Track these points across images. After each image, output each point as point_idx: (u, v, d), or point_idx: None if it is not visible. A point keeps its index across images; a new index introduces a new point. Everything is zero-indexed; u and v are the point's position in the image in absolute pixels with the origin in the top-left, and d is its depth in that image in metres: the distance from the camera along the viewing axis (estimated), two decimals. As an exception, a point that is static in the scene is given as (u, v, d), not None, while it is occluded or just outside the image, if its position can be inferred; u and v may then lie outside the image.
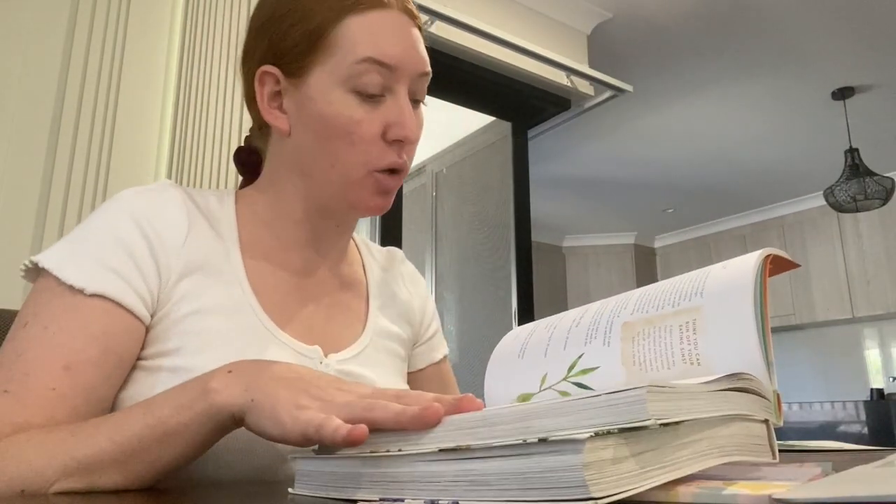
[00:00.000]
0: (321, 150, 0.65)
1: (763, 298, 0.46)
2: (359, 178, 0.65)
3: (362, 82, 0.63)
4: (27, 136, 1.54)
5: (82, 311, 0.57)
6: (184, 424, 0.48)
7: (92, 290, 0.57)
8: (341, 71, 0.63)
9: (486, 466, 0.32)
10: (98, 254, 0.59)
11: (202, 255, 0.64)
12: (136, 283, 0.59)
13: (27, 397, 0.53)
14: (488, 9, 2.71)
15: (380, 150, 0.64)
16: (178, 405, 0.49)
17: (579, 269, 6.29)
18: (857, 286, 5.11)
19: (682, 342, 0.48)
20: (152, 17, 1.77)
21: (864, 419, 4.66)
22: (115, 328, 0.58)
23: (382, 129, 0.64)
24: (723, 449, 0.37)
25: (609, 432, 0.30)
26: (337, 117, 0.63)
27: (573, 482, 0.29)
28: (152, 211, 0.63)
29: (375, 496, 0.36)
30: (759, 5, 2.96)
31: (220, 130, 1.76)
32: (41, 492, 0.48)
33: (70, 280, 0.57)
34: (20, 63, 1.56)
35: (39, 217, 1.51)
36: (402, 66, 0.64)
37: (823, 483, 0.33)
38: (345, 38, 0.63)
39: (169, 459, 0.49)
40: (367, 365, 0.71)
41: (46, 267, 0.58)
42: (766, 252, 0.49)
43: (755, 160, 4.73)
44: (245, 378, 0.48)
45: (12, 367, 0.54)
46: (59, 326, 0.56)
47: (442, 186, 3.39)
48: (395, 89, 0.64)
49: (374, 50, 0.63)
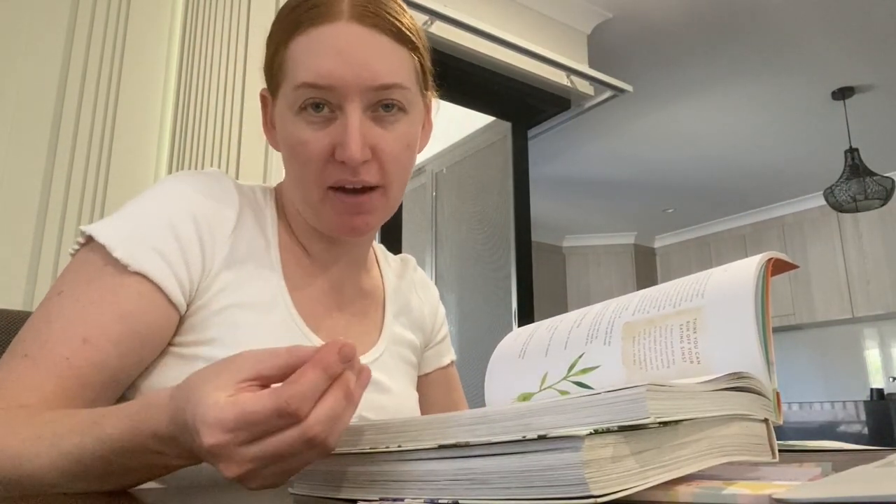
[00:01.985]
0: (290, 169, 0.67)
1: (765, 299, 0.46)
2: (318, 198, 0.65)
3: (304, 105, 0.62)
4: (27, 136, 1.54)
5: (118, 288, 0.58)
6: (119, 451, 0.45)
7: (135, 268, 0.58)
8: (288, 96, 0.63)
9: (485, 464, 0.32)
10: (148, 234, 0.60)
11: (246, 246, 0.66)
12: (179, 269, 0.60)
13: (43, 363, 0.54)
14: (488, 9, 2.71)
15: (332, 168, 0.63)
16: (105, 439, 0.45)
17: (579, 270, 6.29)
18: (857, 286, 5.11)
19: (683, 341, 0.48)
20: (152, 17, 1.77)
21: (864, 419, 4.66)
22: (146, 310, 0.58)
23: (330, 148, 0.63)
24: (723, 449, 0.37)
25: (608, 430, 0.30)
26: (290, 138, 0.64)
27: (573, 480, 0.29)
28: (206, 198, 0.64)
29: (375, 496, 0.36)
30: (759, 5, 2.96)
31: (220, 130, 1.76)
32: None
33: (116, 254, 0.58)
34: (20, 63, 1.56)
35: (39, 217, 1.51)
36: (342, 84, 0.61)
37: (823, 483, 0.33)
38: (291, 61, 0.63)
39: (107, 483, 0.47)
40: (383, 371, 0.73)
41: (97, 238, 0.59)
42: (768, 255, 0.49)
43: (755, 160, 4.73)
44: (172, 405, 0.42)
45: (38, 334, 0.56)
46: (90, 299, 0.57)
47: (442, 186, 3.39)
48: (343, 107, 0.62)
49: (307, 74, 0.61)
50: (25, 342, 0.56)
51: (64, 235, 1.52)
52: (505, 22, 2.74)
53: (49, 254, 1.48)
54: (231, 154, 1.77)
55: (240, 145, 1.78)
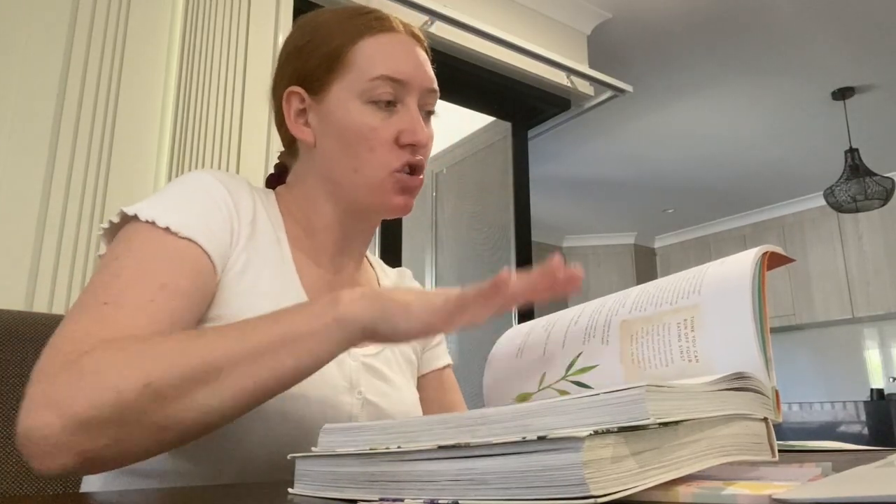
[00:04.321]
0: (344, 156, 0.72)
1: (762, 295, 0.46)
2: (380, 179, 0.71)
3: (377, 94, 0.71)
4: (27, 136, 1.54)
5: (175, 249, 0.61)
6: (313, 331, 0.52)
7: (185, 234, 0.61)
8: (358, 86, 0.71)
9: (485, 465, 0.32)
10: (189, 205, 0.64)
11: (262, 237, 0.70)
12: (220, 237, 0.64)
13: (127, 306, 0.55)
14: (488, 9, 2.71)
15: (396, 153, 0.71)
16: (308, 314, 0.53)
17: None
18: (857, 286, 5.11)
19: (681, 339, 0.48)
20: (152, 17, 1.77)
21: (864, 419, 4.66)
22: (202, 270, 0.62)
23: (396, 134, 0.71)
24: (723, 449, 0.37)
25: (608, 431, 0.30)
26: (356, 125, 0.71)
27: (573, 480, 0.29)
28: (231, 184, 0.70)
29: (375, 496, 0.36)
30: (759, 6, 2.96)
31: (220, 130, 1.76)
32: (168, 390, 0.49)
33: (164, 223, 0.61)
34: (20, 63, 1.56)
35: (40, 217, 1.51)
36: (411, 81, 0.72)
37: (823, 483, 0.33)
38: (361, 58, 0.72)
39: (292, 366, 0.52)
40: (386, 364, 0.76)
41: (138, 213, 0.62)
42: (764, 249, 0.49)
43: (755, 160, 4.73)
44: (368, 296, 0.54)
45: (110, 285, 0.57)
46: (154, 256, 0.59)
47: (442, 186, 3.39)
48: (406, 101, 0.72)
49: (387, 68, 0.71)
50: (98, 294, 0.56)
51: (64, 235, 1.52)
52: (505, 22, 2.74)
53: (49, 254, 1.48)
54: (231, 154, 1.77)
55: (240, 145, 1.78)
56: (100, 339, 0.52)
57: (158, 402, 0.49)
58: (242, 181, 0.73)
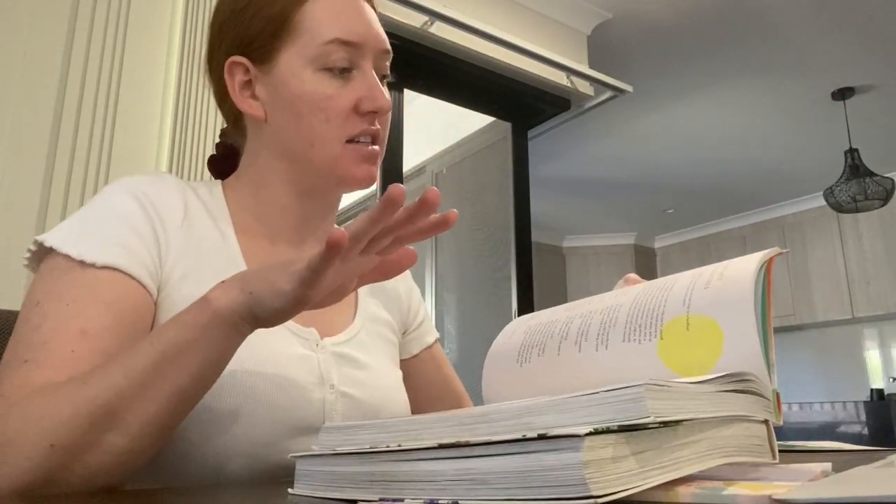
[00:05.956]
0: (298, 129, 0.67)
1: (766, 301, 0.46)
2: (338, 151, 0.67)
3: (331, 60, 0.66)
4: (27, 135, 1.54)
5: (94, 283, 0.58)
6: (193, 340, 0.50)
7: (102, 263, 0.58)
8: (310, 52, 0.66)
9: (485, 465, 0.32)
10: (103, 230, 0.61)
11: (200, 236, 0.66)
12: (142, 255, 0.61)
13: (47, 362, 0.53)
14: (488, 9, 2.71)
15: (353, 121, 0.67)
16: (181, 324, 0.51)
17: (579, 270, 6.29)
18: (857, 286, 5.11)
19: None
20: (152, 17, 1.77)
21: (864, 419, 4.66)
22: (126, 297, 0.59)
23: (354, 102, 0.67)
24: (722, 449, 0.37)
25: (608, 429, 0.30)
26: (311, 94, 0.66)
27: (573, 480, 0.29)
28: (151, 191, 0.65)
29: (375, 496, 0.36)
30: (759, 5, 2.96)
31: (219, 130, 1.76)
32: (73, 446, 0.48)
33: (80, 256, 0.58)
34: (20, 62, 1.56)
35: (40, 217, 1.51)
36: (365, 43, 0.68)
37: (823, 483, 0.33)
38: (310, 20, 0.67)
39: (188, 380, 0.50)
40: (360, 348, 0.73)
41: (54, 245, 0.59)
42: (771, 254, 0.49)
43: (755, 160, 4.73)
44: (237, 282, 0.51)
45: (31, 339, 0.55)
46: (72, 297, 0.56)
47: (442, 186, 3.39)
48: (361, 66, 0.68)
49: (339, 30, 0.66)
50: (19, 352, 0.54)
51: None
52: (505, 22, 2.74)
53: (49, 254, 1.48)
54: (231, 154, 1.76)
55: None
56: (11, 403, 0.51)
57: (70, 458, 0.48)
58: (168, 181, 0.68)
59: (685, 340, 0.47)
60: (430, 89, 2.83)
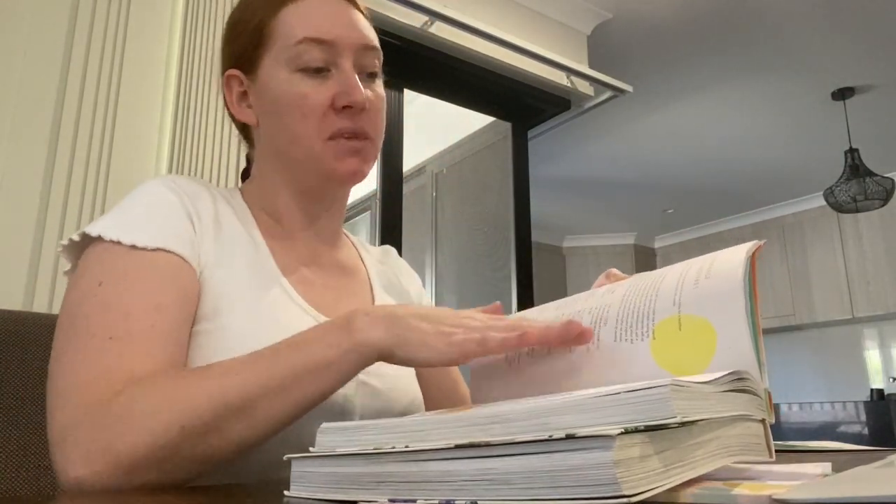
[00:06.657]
0: (280, 130, 0.70)
1: (753, 295, 0.46)
2: (318, 148, 0.68)
3: (304, 60, 0.68)
4: (27, 136, 1.54)
5: (152, 262, 0.60)
6: (332, 360, 0.53)
7: (154, 246, 0.60)
8: (285, 54, 0.69)
9: (506, 465, 0.31)
10: (147, 217, 0.63)
11: (229, 232, 0.69)
12: (185, 238, 0.63)
13: (136, 339, 0.56)
14: (488, 9, 2.71)
15: (331, 119, 0.68)
16: (326, 344, 0.53)
17: (579, 270, 6.29)
18: (857, 286, 5.11)
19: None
20: (152, 17, 1.77)
21: (864, 419, 4.65)
22: (182, 274, 0.61)
23: (331, 99, 0.68)
24: (729, 448, 0.37)
25: (637, 429, 0.29)
26: (287, 94, 0.68)
27: (604, 479, 0.28)
28: (185, 185, 0.68)
29: (381, 497, 0.36)
30: (759, 5, 2.96)
31: (220, 130, 1.76)
32: (205, 428, 0.51)
33: (131, 241, 0.60)
34: (20, 63, 1.56)
35: (40, 217, 1.51)
36: (339, 40, 0.69)
37: (823, 483, 0.33)
38: (284, 26, 0.69)
39: (315, 392, 0.53)
40: None
41: (101, 233, 0.60)
42: (754, 247, 0.48)
43: (755, 160, 4.73)
44: (383, 320, 0.54)
45: (106, 317, 0.56)
46: (136, 277, 0.59)
47: (442, 186, 3.39)
48: (338, 63, 0.69)
49: (309, 30, 0.68)
50: (95, 331, 0.55)
51: (64, 236, 1.51)
52: (505, 22, 2.74)
53: (49, 254, 1.48)
54: (231, 154, 1.77)
55: (240, 145, 1.77)
56: (123, 378, 0.53)
57: (194, 441, 0.51)
58: (200, 184, 0.71)
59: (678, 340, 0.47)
60: (430, 89, 2.83)
